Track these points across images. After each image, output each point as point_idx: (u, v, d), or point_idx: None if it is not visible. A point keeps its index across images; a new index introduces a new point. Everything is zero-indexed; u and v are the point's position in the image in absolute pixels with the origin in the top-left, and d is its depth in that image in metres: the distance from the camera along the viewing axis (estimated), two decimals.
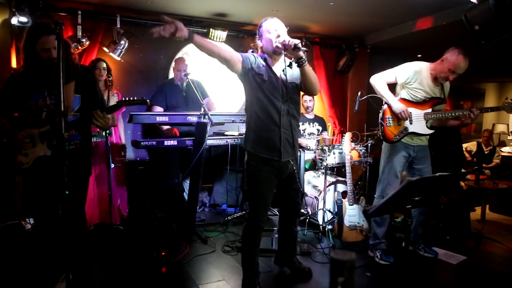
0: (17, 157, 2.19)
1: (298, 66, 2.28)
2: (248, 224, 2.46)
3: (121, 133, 3.85)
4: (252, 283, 2.46)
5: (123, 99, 2.26)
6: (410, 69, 2.96)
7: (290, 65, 2.45)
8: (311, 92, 2.49)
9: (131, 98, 2.26)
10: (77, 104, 2.26)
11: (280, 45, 2.28)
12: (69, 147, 2.25)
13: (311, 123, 4.63)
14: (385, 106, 3.00)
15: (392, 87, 3.10)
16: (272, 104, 2.35)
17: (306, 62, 2.27)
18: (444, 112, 2.94)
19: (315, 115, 4.80)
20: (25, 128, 2.20)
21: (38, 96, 2.20)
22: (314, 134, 4.58)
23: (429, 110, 2.94)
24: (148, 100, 2.28)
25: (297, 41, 2.20)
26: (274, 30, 2.35)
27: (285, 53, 2.32)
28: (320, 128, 4.71)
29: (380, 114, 3.02)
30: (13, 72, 2.31)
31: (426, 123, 2.95)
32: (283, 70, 2.41)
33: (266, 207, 2.45)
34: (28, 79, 2.18)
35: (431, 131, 2.96)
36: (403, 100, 2.97)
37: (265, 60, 2.42)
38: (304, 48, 2.21)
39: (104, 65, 3.62)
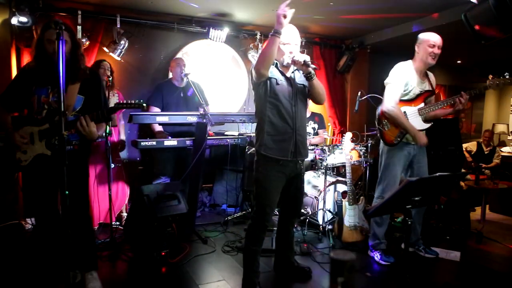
0: (17, 153, 2.20)
1: (307, 79, 2.36)
2: (254, 223, 2.47)
3: (121, 131, 3.88)
4: (252, 283, 2.46)
5: (120, 102, 2.28)
6: (402, 75, 2.95)
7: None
8: (318, 102, 2.55)
9: (128, 102, 2.27)
10: (79, 105, 2.27)
11: (290, 61, 2.37)
12: (67, 148, 2.24)
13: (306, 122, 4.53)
14: (379, 111, 3.01)
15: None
16: (285, 107, 2.39)
17: (315, 76, 2.34)
18: (435, 104, 2.94)
19: (311, 112, 4.68)
20: (25, 125, 2.19)
21: (42, 92, 2.21)
22: (310, 133, 4.54)
23: (422, 104, 2.96)
24: (144, 104, 2.30)
25: (307, 58, 2.27)
26: (288, 44, 2.37)
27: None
28: (316, 126, 4.62)
29: (376, 119, 3.04)
30: (23, 66, 2.35)
31: (422, 118, 2.96)
32: (292, 72, 2.45)
33: (273, 206, 2.46)
34: (35, 74, 2.20)
35: (428, 125, 2.97)
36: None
37: (276, 65, 2.43)
38: (313, 66, 2.28)
39: (108, 65, 3.67)
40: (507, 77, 2.73)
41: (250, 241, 2.49)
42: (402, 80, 2.93)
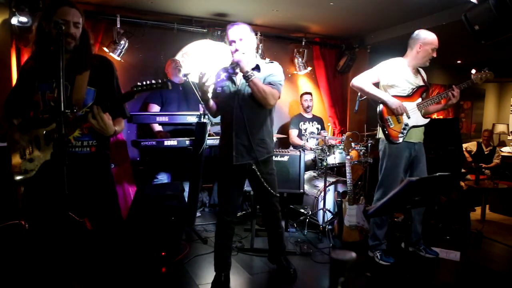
0: (21, 164, 1.85)
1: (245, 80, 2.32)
2: (217, 219, 2.66)
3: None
4: (218, 277, 2.57)
5: (138, 84, 1.83)
6: (391, 68, 2.99)
7: (257, 68, 2.44)
8: (262, 104, 2.37)
9: (147, 82, 1.82)
10: (90, 99, 1.93)
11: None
12: (81, 150, 1.94)
13: (310, 122, 4.68)
14: (380, 108, 3.00)
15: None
16: (225, 113, 2.47)
17: (252, 77, 2.28)
18: (431, 98, 2.99)
19: (313, 114, 4.86)
20: (31, 128, 1.87)
21: (46, 87, 1.87)
22: (314, 133, 4.61)
23: (420, 100, 3.00)
24: (169, 83, 1.85)
25: (238, 60, 2.27)
26: (232, 43, 2.41)
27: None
28: (319, 127, 4.77)
29: (378, 117, 3.03)
30: (22, 65, 2.01)
31: (421, 113, 2.99)
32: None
33: (227, 201, 2.57)
34: (37, 67, 1.88)
35: (427, 120, 3.01)
36: (395, 97, 2.99)
37: (234, 67, 2.41)
38: (234, 65, 2.32)
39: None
40: (486, 71, 2.87)
41: (216, 234, 2.64)
42: (388, 73, 2.99)
